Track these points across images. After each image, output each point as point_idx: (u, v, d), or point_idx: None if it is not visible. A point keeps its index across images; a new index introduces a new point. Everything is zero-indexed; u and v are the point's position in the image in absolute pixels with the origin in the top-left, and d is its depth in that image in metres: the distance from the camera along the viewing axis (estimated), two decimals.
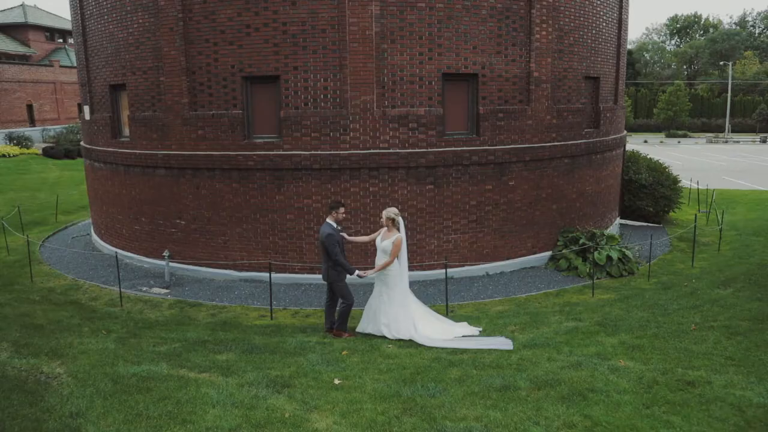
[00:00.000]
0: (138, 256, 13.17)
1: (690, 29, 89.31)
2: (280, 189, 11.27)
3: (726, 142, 55.60)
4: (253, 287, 11.27)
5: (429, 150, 11.14)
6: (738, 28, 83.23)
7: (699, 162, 36.92)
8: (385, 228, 8.24)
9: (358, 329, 8.45)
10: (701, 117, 68.23)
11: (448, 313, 9.53)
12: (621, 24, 14.41)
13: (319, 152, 10.99)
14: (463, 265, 11.62)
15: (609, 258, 11.94)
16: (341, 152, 10.96)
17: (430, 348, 7.59)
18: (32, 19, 50.91)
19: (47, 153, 34.25)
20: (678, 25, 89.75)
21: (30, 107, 42.73)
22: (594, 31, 13.11)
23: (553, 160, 12.44)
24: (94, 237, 15.19)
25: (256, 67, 10.99)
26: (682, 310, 8.75)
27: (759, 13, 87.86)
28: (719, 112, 66.84)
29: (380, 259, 8.12)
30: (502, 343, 7.59)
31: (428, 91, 11.03)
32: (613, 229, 14.95)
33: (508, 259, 12.14)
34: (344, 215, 8.55)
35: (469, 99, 11.49)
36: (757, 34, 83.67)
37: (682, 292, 10.28)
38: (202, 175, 11.75)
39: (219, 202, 11.70)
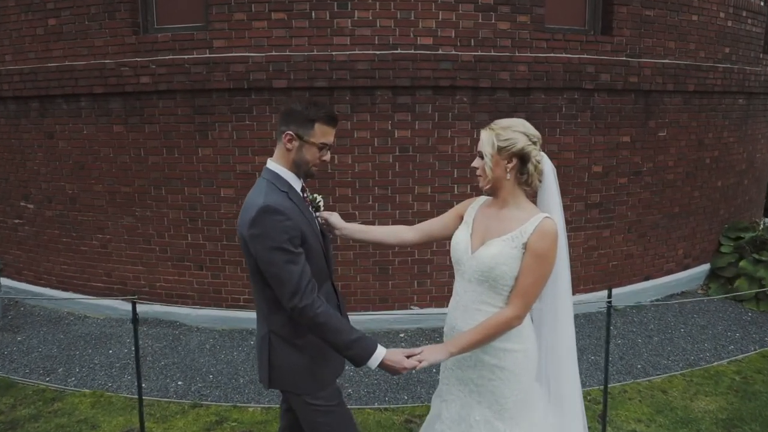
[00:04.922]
0: None
1: None
2: (208, 134, 5.47)
3: None
4: (152, 337, 5.46)
5: (516, 55, 5.40)
6: None
7: None
8: (482, 198, 2.44)
9: None
10: None
11: (606, 425, 3.80)
12: None
13: (287, 53, 5.21)
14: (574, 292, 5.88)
15: None
16: (335, 54, 5.18)
17: None
18: None
19: None
20: None
21: None
22: None
23: (725, 95, 6.76)
24: None
25: None
26: None
27: None
28: None
29: (474, 310, 2.23)
30: None
31: None
32: None
33: (647, 279, 6.44)
34: (328, 152, 2.30)
35: None
36: None
37: None
38: (59, 111, 5.94)
39: (91, 163, 5.90)
